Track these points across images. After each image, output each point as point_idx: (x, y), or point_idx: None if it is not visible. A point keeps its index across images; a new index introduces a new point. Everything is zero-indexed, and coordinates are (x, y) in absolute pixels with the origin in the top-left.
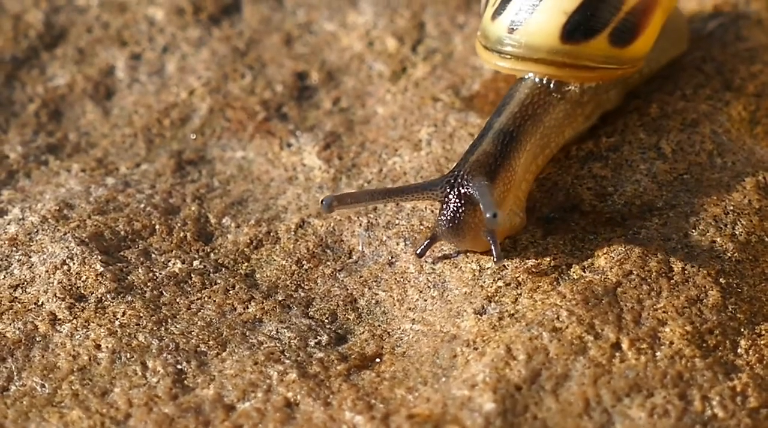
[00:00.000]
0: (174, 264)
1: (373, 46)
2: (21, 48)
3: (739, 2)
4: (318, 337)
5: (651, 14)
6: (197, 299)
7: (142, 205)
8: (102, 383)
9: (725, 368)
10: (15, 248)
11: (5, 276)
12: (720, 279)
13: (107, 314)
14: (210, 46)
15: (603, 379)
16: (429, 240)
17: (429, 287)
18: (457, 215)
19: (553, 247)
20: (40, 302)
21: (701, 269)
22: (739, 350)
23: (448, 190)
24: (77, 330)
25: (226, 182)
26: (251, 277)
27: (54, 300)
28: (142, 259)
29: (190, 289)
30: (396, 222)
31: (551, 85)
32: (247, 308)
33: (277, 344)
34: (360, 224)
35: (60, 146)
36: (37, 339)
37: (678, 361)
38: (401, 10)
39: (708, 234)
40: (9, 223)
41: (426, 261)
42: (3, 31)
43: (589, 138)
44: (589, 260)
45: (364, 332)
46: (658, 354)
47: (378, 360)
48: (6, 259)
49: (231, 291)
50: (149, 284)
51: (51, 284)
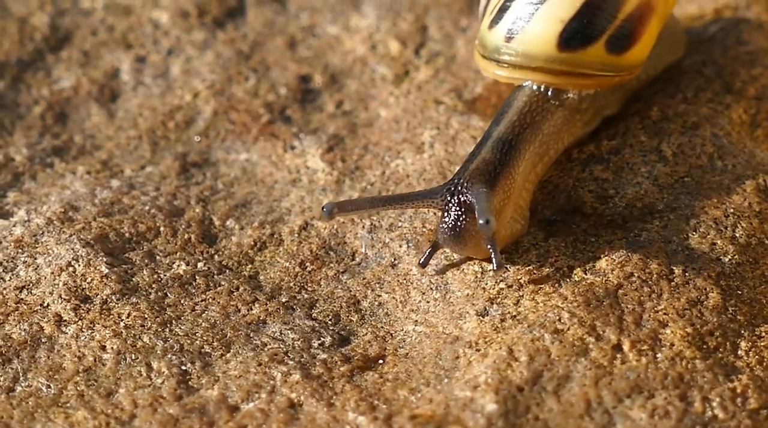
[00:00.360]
0: (178, 265)
1: (376, 49)
2: (26, 51)
3: (740, 6)
4: (321, 339)
5: (647, 21)
6: (201, 300)
7: (146, 207)
8: (107, 384)
9: (726, 369)
10: (21, 250)
11: (11, 277)
12: (720, 282)
13: (112, 315)
14: (214, 49)
15: (604, 380)
16: (431, 248)
17: (431, 289)
18: (459, 223)
19: (555, 249)
20: (45, 303)
21: (702, 271)
22: (740, 352)
23: (448, 197)
24: (82, 331)
25: (230, 184)
26: (255, 279)
27: (59, 301)
28: (146, 261)
29: (194, 291)
30: (399, 224)
31: (549, 93)
32: (251, 309)
33: (281, 345)
34: (363, 226)
35: (65, 148)
36: (43, 341)
37: (679, 363)
38: (404, 13)
39: (708, 236)
40: (15, 225)
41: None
42: (8, 34)
43: (591, 141)
44: (591, 262)
45: (367, 333)
46: (659, 355)
47: (381, 361)
48: (12, 261)
49: (235, 293)
50: (154, 285)
51: (56, 286)
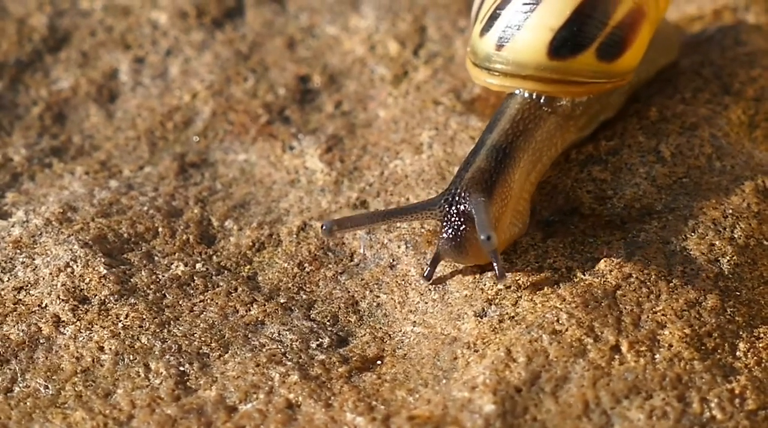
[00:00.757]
0: (177, 266)
1: (375, 49)
2: (25, 51)
3: (738, 7)
4: (319, 339)
5: (638, 28)
6: (200, 301)
7: (145, 208)
8: (105, 384)
9: (724, 370)
10: (19, 250)
11: (9, 278)
12: (719, 283)
13: (110, 316)
14: (213, 49)
15: (602, 381)
16: (433, 260)
17: (430, 290)
18: (459, 233)
19: (553, 250)
20: (43, 304)
21: (700, 272)
22: (738, 353)
23: (447, 208)
24: (81, 332)
25: (228, 185)
26: (253, 280)
27: (57, 302)
28: (145, 262)
29: (192, 292)
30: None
31: (541, 100)
32: (250, 310)
33: (279, 346)
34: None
35: (64, 149)
36: (41, 341)
37: (677, 364)
38: (403, 14)
39: (707, 237)
40: (13, 226)
41: (426, 265)
42: (7, 35)
43: (589, 141)
44: (589, 263)
45: (365, 334)
46: (657, 356)
47: (379, 362)
48: (10, 262)
49: (233, 294)
50: (152, 286)
51: (54, 286)
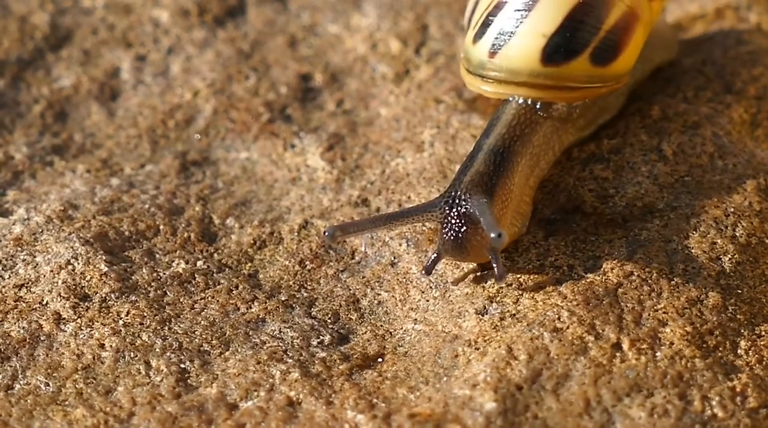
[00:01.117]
0: (178, 264)
1: (377, 48)
2: (27, 49)
3: (741, 6)
4: (320, 337)
5: (632, 31)
6: (201, 299)
7: (146, 206)
8: (106, 382)
9: (725, 368)
10: (20, 248)
11: (10, 275)
12: (720, 281)
13: (111, 313)
14: (215, 47)
15: (603, 379)
16: (434, 258)
17: (431, 287)
18: (460, 235)
19: (555, 248)
20: (44, 301)
21: (702, 270)
22: (739, 351)
23: (447, 210)
24: (81, 329)
25: (230, 183)
26: (254, 277)
27: (58, 299)
28: (146, 259)
29: (193, 289)
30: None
31: (537, 105)
32: (251, 308)
33: (280, 344)
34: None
35: (65, 147)
36: (42, 339)
37: (678, 361)
38: (405, 12)
39: (709, 235)
40: (14, 223)
41: (427, 263)
42: (9, 33)
43: (591, 140)
44: (591, 261)
45: (366, 332)
46: (658, 354)
47: (380, 359)
48: (11, 259)
49: (234, 291)
50: (153, 284)
51: (55, 284)
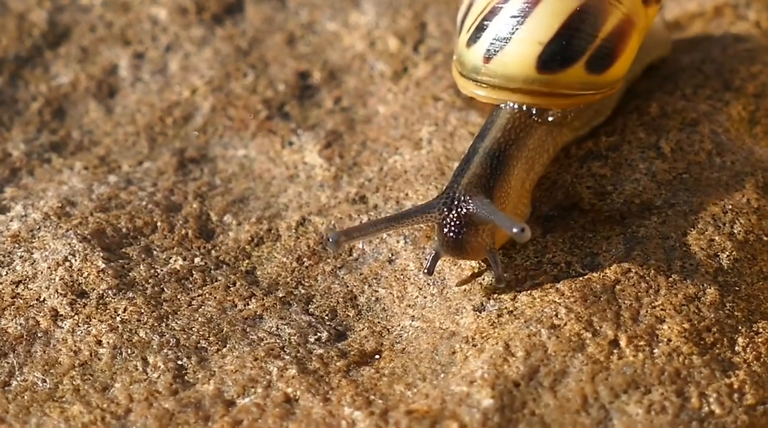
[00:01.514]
0: (175, 261)
1: (375, 45)
2: (25, 47)
3: (739, 4)
4: (318, 334)
5: (627, 38)
6: (198, 296)
7: (144, 203)
8: (103, 378)
9: (722, 365)
10: (17, 244)
11: (7, 272)
12: (718, 278)
13: (108, 310)
14: (213, 45)
15: (601, 376)
16: (433, 256)
17: (428, 284)
18: (460, 236)
19: (552, 245)
20: (41, 298)
21: (699, 267)
22: (737, 347)
23: (446, 212)
24: (78, 326)
25: (227, 180)
26: (252, 274)
27: (56, 296)
28: (143, 256)
29: (191, 286)
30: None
31: (532, 110)
32: (248, 305)
33: (277, 340)
34: (360, 222)
35: (63, 144)
36: (39, 335)
37: (676, 358)
38: (403, 10)
39: (706, 232)
40: (12, 220)
41: (425, 260)
42: (7, 30)
43: (589, 137)
44: (588, 258)
45: (363, 329)
46: (655, 351)
47: (377, 356)
48: (8, 256)
49: (232, 288)
50: (150, 281)
51: (53, 280)
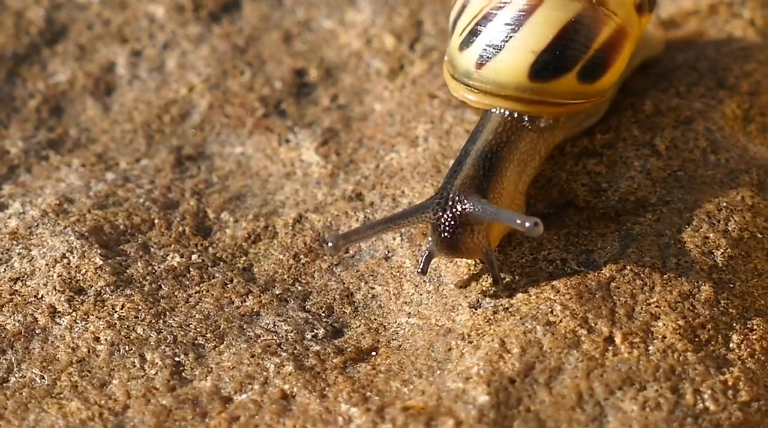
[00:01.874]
0: (173, 258)
1: (371, 43)
2: (22, 44)
3: (734, 2)
4: (315, 330)
5: (621, 48)
6: (195, 292)
7: (141, 200)
8: (101, 375)
9: (717, 362)
10: (15, 241)
11: (5, 269)
12: (712, 275)
13: (106, 307)
14: (210, 43)
15: (596, 372)
16: (426, 256)
17: (424, 281)
18: (454, 236)
19: (548, 242)
20: (39, 295)
21: (694, 264)
22: (731, 344)
23: (440, 213)
24: (76, 322)
25: (224, 177)
26: (249, 271)
27: (54, 293)
28: (141, 253)
29: (188, 283)
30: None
31: (524, 117)
32: (245, 301)
33: (274, 337)
34: (357, 219)
35: (60, 141)
36: (37, 332)
37: (670, 355)
38: (399, 8)
39: (701, 230)
40: (10, 217)
41: (421, 257)
42: (4, 28)
43: (584, 135)
44: (583, 255)
45: (360, 325)
46: (650, 348)
47: (374, 353)
48: (6, 253)
49: (229, 285)
50: (148, 277)
51: (51, 277)
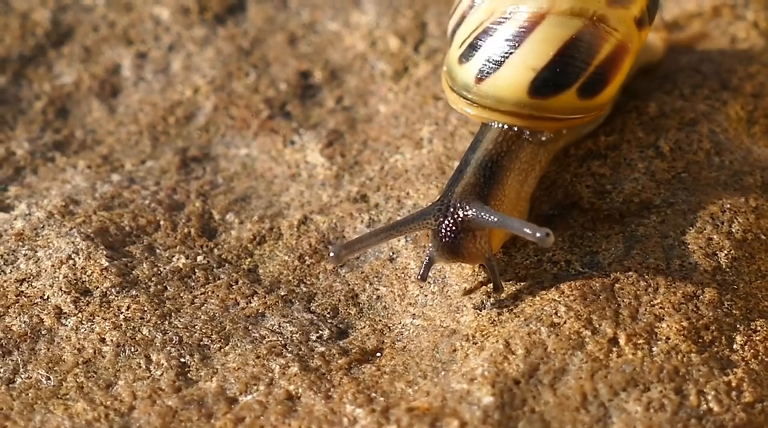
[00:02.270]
0: (178, 259)
1: (376, 45)
2: (28, 46)
3: (737, 4)
4: (320, 331)
5: (621, 63)
6: (201, 293)
7: (146, 201)
8: (106, 376)
9: (721, 363)
10: (21, 243)
11: (12, 270)
12: (716, 276)
13: (112, 308)
14: (215, 45)
15: (600, 374)
16: (426, 262)
17: (429, 282)
18: (456, 241)
19: (552, 244)
20: (45, 296)
21: (698, 266)
22: (735, 346)
23: (441, 219)
24: (82, 323)
25: (230, 179)
26: (254, 272)
27: (59, 294)
28: (146, 254)
29: (193, 284)
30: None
31: (524, 130)
32: (250, 303)
33: (279, 338)
34: (362, 221)
35: (66, 143)
36: (43, 333)
37: (674, 356)
38: (404, 10)
39: (705, 231)
40: (16, 219)
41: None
42: (10, 30)
43: (588, 136)
44: (588, 256)
45: (365, 327)
46: (654, 349)
47: (378, 354)
48: (12, 254)
49: (234, 286)
50: (153, 279)
51: (56, 278)
